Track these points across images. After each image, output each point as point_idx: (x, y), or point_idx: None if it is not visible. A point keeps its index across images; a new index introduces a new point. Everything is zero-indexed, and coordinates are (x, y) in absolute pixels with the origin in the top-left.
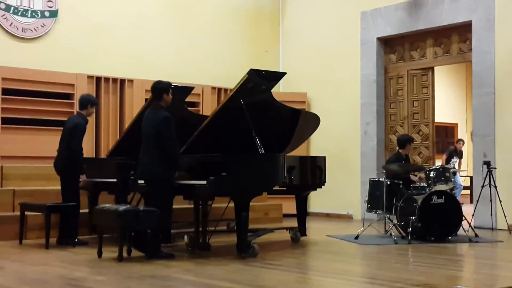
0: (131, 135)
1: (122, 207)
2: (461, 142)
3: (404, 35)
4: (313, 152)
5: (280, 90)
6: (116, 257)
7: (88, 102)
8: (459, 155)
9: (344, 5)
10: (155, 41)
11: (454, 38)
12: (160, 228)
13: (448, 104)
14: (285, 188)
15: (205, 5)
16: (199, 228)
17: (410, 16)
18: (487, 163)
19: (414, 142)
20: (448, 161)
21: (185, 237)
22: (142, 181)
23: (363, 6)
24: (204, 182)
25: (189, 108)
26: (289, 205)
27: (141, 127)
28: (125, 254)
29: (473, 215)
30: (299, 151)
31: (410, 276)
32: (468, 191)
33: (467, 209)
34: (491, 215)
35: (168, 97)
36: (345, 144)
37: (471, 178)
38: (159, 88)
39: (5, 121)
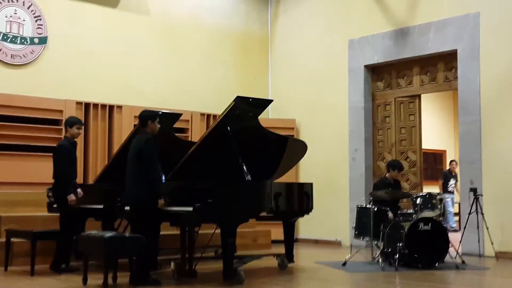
0: (119, 161)
1: (107, 234)
2: (454, 163)
3: (391, 63)
4: (302, 178)
5: (269, 117)
6: (101, 284)
7: (68, 123)
8: (455, 177)
9: (333, 33)
10: (144, 67)
11: (440, 66)
12: (145, 254)
13: (436, 130)
14: (272, 215)
15: (195, 32)
16: (185, 254)
17: (397, 44)
18: (474, 190)
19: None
20: (445, 185)
21: (172, 263)
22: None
23: (351, 34)
24: (190, 208)
25: (178, 134)
26: (278, 231)
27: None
28: (110, 281)
29: (460, 242)
30: (287, 178)
31: None
32: (456, 218)
33: (455, 236)
34: (479, 242)
35: (153, 125)
36: (334, 170)
37: (459, 204)
38: (145, 116)
39: None
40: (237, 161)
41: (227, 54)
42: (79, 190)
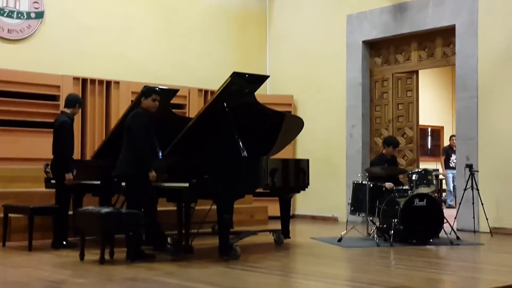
0: (116, 137)
1: (104, 210)
2: (454, 138)
3: (389, 39)
4: (299, 155)
5: (266, 93)
6: (98, 259)
7: (76, 102)
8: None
9: (330, 9)
10: (142, 43)
11: (438, 42)
12: (141, 228)
13: (434, 107)
14: (268, 191)
15: (193, 7)
16: (182, 230)
17: (395, 19)
18: (470, 166)
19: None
20: (447, 161)
21: (168, 239)
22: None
23: (349, 9)
24: (187, 184)
25: (175, 110)
26: (275, 207)
27: None
28: (107, 257)
29: (455, 218)
30: (285, 154)
31: (388, 278)
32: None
33: (450, 212)
34: (473, 218)
35: (146, 101)
36: (331, 146)
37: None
38: (140, 92)
39: None
40: (234, 137)
41: (225, 30)
42: None
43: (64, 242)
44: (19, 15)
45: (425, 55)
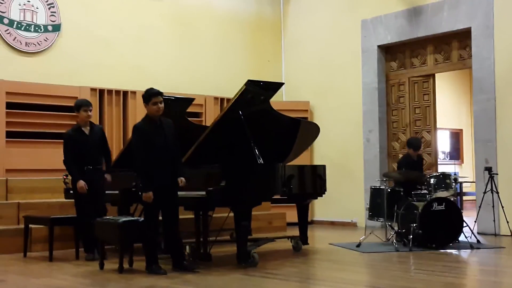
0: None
1: (122, 219)
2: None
3: (404, 43)
4: (316, 161)
5: (283, 99)
6: (117, 268)
7: (76, 108)
8: None
9: (345, 14)
10: (157, 53)
11: (454, 45)
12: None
13: (452, 110)
14: (286, 197)
15: (207, 16)
16: (200, 238)
17: (410, 23)
18: (489, 169)
19: None
20: None
21: (187, 247)
22: None
23: (364, 14)
24: (203, 193)
25: (192, 119)
26: (293, 214)
27: None
28: (126, 265)
29: (475, 221)
30: (302, 160)
31: (408, 283)
32: (473, 197)
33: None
34: (494, 221)
35: (148, 107)
36: (348, 152)
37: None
38: (142, 97)
39: (10, 134)
40: (249, 144)
41: (240, 38)
42: (106, 175)
43: (88, 253)
44: (37, 28)
45: (441, 59)
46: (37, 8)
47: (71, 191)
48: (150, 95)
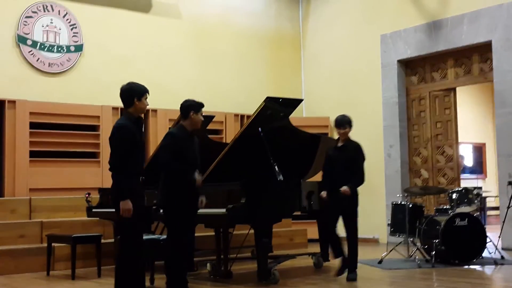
0: (155, 164)
1: (144, 237)
2: None
3: (424, 57)
4: None
5: (303, 115)
6: None
7: (134, 95)
8: None
9: (364, 29)
10: (178, 71)
11: (475, 58)
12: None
13: (475, 123)
14: (306, 214)
15: (227, 33)
16: (220, 256)
17: (430, 37)
18: None
19: (438, 163)
20: None
21: (208, 265)
22: None
23: (383, 29)
24: (224, 210)
25: (212, 136)
26: (315, 230)
27: None
28: (148, 283)
29: (499, 237)
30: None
31: None
32: (497, 212)
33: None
34: None
35: (196, 117)
36: (369, 167)
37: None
38: (186, 106)
39: (33, 154)
40: (269, 161)
41: (259, 54)
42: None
43: None
44: (59, 49)
45: (462, 72)
46: (59, 29)
47: (94, 210)
48: (200, 105)
